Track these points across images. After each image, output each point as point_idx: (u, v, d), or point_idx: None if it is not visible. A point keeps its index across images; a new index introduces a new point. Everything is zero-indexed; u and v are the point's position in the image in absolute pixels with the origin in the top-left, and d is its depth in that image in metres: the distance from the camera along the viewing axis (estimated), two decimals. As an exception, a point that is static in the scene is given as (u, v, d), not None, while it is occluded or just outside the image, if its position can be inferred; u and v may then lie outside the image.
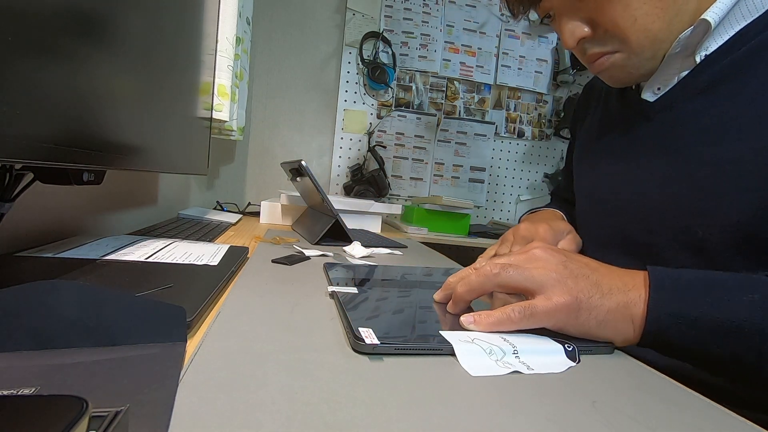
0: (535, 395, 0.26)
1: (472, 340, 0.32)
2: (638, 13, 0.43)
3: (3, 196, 0.41)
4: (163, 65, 0.58)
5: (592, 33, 0.46)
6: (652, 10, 0.43)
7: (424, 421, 0.22)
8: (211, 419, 0.20)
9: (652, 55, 0.46)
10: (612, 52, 0.47)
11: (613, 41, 0.46)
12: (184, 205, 1.31)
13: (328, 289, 0.44)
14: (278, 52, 1.64)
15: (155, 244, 0.57)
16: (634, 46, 0.45)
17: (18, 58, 0.28)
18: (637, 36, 0.44)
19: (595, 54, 0.48)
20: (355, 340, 0.30)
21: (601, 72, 0.50)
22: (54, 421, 0.14)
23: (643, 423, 0.24)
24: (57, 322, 0.26)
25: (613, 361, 0.34)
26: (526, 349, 0.32)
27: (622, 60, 0.47)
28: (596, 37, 0.47)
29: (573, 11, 0.47)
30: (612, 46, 0.46)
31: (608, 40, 0.46)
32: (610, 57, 0.47)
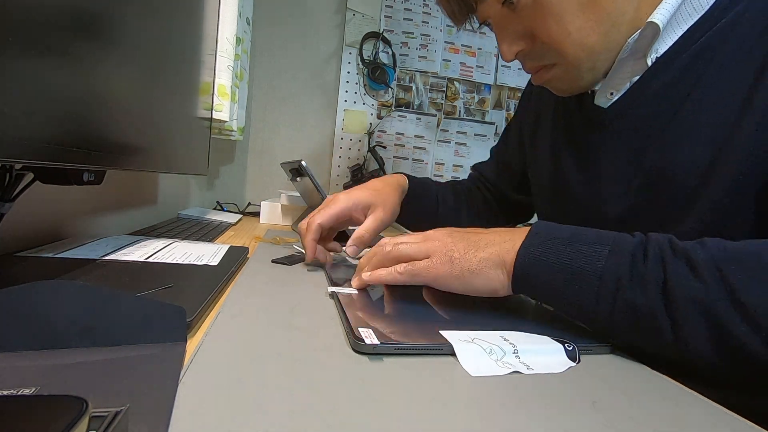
0: (535, 395, 0.26)
1: (472, 340, 0.32)
2: (572, 28, 0.43)
3: (3, 196, 0.41)
4: (163, 65, 0.58)
5: (529, 46, 0.46)
6: (586, 23, 0.42)
7: (423, 421, 0.22)
8: (211, 419, 0.20)
9: (592, 66, 0.45)
10: (551, 65, 0.47)
11: (550, 54, 0.46)
12: (184, 205, 1.31)
13: (328, 289, 0.44)
14: (278, 53, 1.64)
15: (155, 244, 0.57)
16: (570, 59, 0.45)
17: (18, 58, 0.28)
18: (574, 49, 0.44)
19: (534, 67, 0.48)
20: (355, 341, 0.30)
21: (544, 83, 0.50)
22: (54, 421, 0.14)
23: (643, 423, 0.24)
24: (57, 322, 0.26)
25: (614, 361, 0.34)
26: (526, 349, 0.32)
27: (562, 72, 0.47)
28: (534, 49, 0.46)
29: (509, 24, 0.46)
30: (550, 59, 0.46)
31: (545, 54, 0.46)
32: (550, 69, 0.47)
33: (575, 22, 0.42)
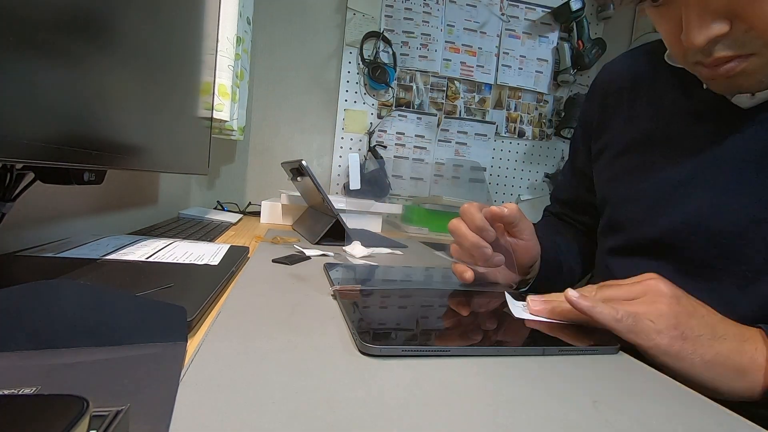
0: (535, 395, 0.26)
1: None
2: None
3: (4, 196, 0.41)
4: (164, 65, 0.58)
5: (729, 30, 0.37)
6: None
7: (424, 421, 0.22)
8: (212, 419, 0.20)
9: None
10: (746, 56, 0.38)
11: (754, 43, 0.37)
12: (185, 204, 1.31)
13: (330, 289, 0.44)
14: (279, 52, 1.64)
15: (156, 244, 0.57)
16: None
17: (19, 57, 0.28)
18: None
19: (725, 57, 0.38)
20: (362, 343, 0.30)
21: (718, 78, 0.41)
22: (55, 421, 0.14)
23: (644, 423, 0.24)
24: (58, 322, 0.26)
25: (615, 362, 0.34)
26: None
27: (757, 66, 0.38)
28: (732, 35, 0.37)
29: (710, 1, 0.36)
30: (750, 48, 0.37)
31: (748, 42, 0.37)
32: (743, 62, 0.38)
33: None
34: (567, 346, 0.34)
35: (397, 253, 0.78)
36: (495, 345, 0.33)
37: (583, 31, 1.78)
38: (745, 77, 0.40)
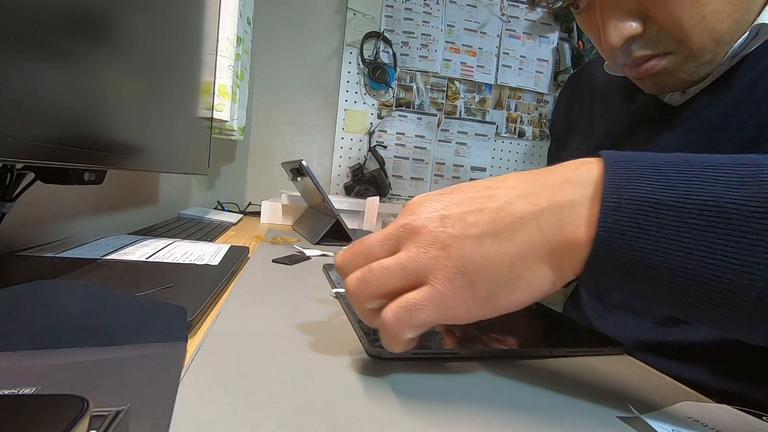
0: (536, 396, 0.26)
1: None
2: (708, 10, 0.36)
3: (4, 196, 0.41)
4: (164, 65, 0.58)
5: (642, 30, 0.39)
6: (723, 7, 0.36)
7: (424, 421, 0.22)
8: (212, 419, 0.20)
9: (711, 59, 0.39)
10: (663, 55, 0.40)
11: (667, 41, 0.39)
12: (185, 204, 1.31)
13: (332, 291, 0.44)
14: (279, 52, 1.64)
15: (156, 244, 0.57)
16: (695, 48, 0.38)
17: (19, 57, 0.28)
18: (701, 37, 0.37)
19: (644, 56, 0.40)
20: (370, 345, 0.30)
21: (645, 78, 0.43)
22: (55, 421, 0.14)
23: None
24: (58, 322, 0.26)
25: (616, 362, 0.34)
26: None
27: (676, 64, 0.40)
28: (647, 35, 0.39)
29: (621, 2, 0.38)
30: (665, 47, 0.39)
31: (662, 40, 0.39)
32: (661, 60, 0.40)
33: (713, 4, 0.36)
34: (574, 348, 0.34)
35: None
36: (503, 347, 0.33)
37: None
38: (668, 75, 0.41)
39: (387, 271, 0.24)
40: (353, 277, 0.25)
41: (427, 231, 0.24)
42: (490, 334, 0.36)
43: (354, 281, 0.25)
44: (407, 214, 0.26)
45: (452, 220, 0.24)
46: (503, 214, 0.24)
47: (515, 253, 0.23)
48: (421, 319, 0.23)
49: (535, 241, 0.23)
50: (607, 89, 0.56)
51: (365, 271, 0.25)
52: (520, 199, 0.24)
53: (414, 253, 0.24)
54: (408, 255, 0.24)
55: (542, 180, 0.25)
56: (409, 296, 0.24)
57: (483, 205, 0.24)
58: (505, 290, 0.23)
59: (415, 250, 0.24)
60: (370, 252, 0.26)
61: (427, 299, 0.23)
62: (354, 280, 0.25)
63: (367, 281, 0.25)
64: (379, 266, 0.24)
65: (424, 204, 0.26)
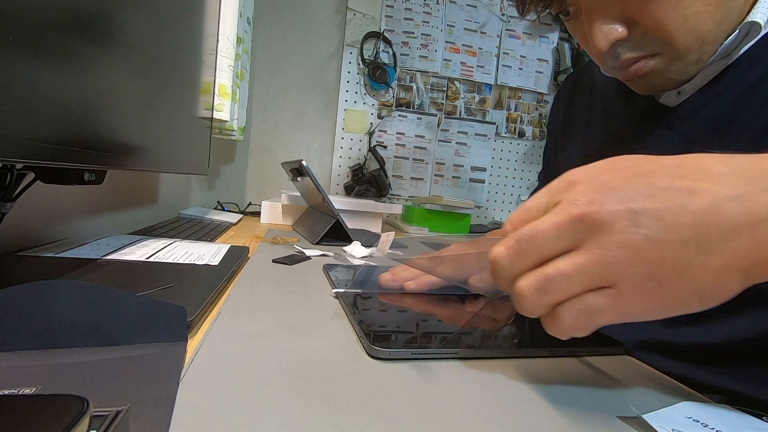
0: (536, 395, 0.26)
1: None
2: (689, 12, 0.37)
3: (4, 196, 0.41)
4: (164, 65, 0.58)
5: (628, 34, 0.40)
6: (705, 8, 0.37)
7: (425, 421, 0.22)
8: (212, 419, 0.20)
9: (698, 58, 0.40)
10: (650, 56, 0.41)
11: (653, 43, 0.40)
12: (185, 204, 1.31)
13: (332, 291, 0.44)
14: (279, 52, 1.64)
15: (156, 244, 0.57)
16: (680, 48, 0.39)
17: (19, 57, 0.28)
18: (685, 37, 0.38)
19: (631, 59, 0.41)
20: (370, 346, 0.30)
21: (635, 79, 0.44)
22: (55, 421, 0.14)
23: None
24: (58, 322, 0.26)
25: (616, 362, 0.34)
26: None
27: (663, 65, 0.41)
28: (633, 38, 0.40)
29: (606, 8, 0.39)
30: (652, 48, 0.40)
31: (648, 43, 0.40)
32: (649, 61, 0.41)
33: (694, 5, 0.37)
34: (574, 348, 0.34)
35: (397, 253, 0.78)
36: (503, 347, 0.33)
37: (584, 31, 1.78)
38: (657, 76, 0.42)
39: (570, 281, 0.21)
40: (528, 286, 0.22)
41: (616, 230, 0.21)
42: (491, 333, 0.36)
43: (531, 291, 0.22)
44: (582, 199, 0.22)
45: (647, 218, 0.21)
46: (712, 218, 0.20)
47: (722, 266, 0.20)
48: (601, 322, 0.22)
49: (746, 254, 0.20)
50: (605, 90, 0.56)
51: (543, 279, 0.22)
52: (733, 202, 0.21)
53: (600, 256, 0.21)
54: (593, 259, 0.21)
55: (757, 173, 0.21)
56: (592, 300, 0.21)
57: (685, 203, 0.21)
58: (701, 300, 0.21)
59: (601, 253, 0.21)
60: (542, 249, 0.22)
61: (612, 306, 0.21)
62: (531, 290, 0.22)
63: (546, 291, 0.22)
64: (559, 274, 0.21)
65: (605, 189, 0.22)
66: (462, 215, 1.50)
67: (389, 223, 1.58)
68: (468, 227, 1.53)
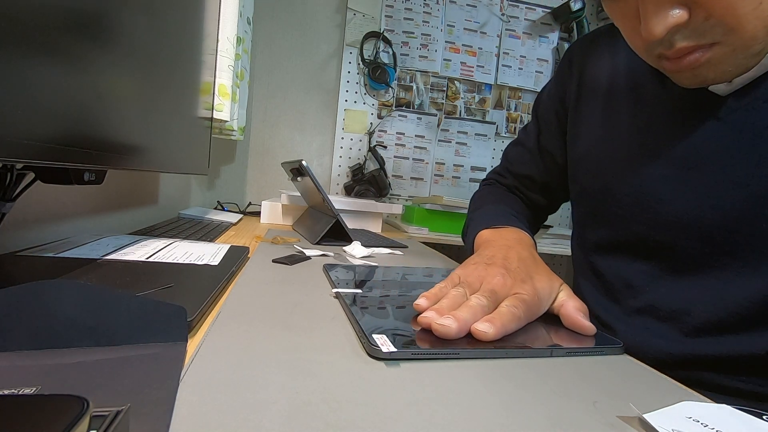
0: (536, 395, 0.26)
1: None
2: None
3: (4, 196, 0.41)
4: (164, 65, 0.58)
5: (688, 18, 0.35)
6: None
7: (425, 421, 0.22)
8: (212, 419, 0.20)
9: (761, 49, 0.36)
10: (709, 46, 0.36)
11: (715, 31, 0.35)
12: (185, 204, 1.31)
13: (332, 291, 0.44)
14: (279, 52, 1.64)
15: (156, 244, 0.57)
16: (747, 37, 0.34)
17: (19, 57, 0.28)
18: (755, 24, 0.34)
19: (687, 48, 0.37)
20: (370, 346, 0.30)
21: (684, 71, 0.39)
22: (55, 421, 0.14)
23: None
24: (58, 322, 0.26)
25: (617, 362, 0.34)
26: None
27: (722, 55, 0.36)
28: (693, 23, 0.35)
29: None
30: (712, 36, 0.35)
31: (709, 30, 0.35)
32: (707, 52, 0.36)
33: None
34: (574, 348, 0.34)
35: (397, 253, 0.78)
36: (503, 347, 0.33)
37: (583, 31, 1.78)
38: (711, 68, 0.38)
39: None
40: None
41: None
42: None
43: None
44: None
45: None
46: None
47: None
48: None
49: None
50: (633, 66, 0.51)
51: None
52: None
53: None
54: None
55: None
56: None
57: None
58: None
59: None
60: None
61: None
62: None
63: None
64: None
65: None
66: (462, 215, 1.50)
67: (389, 223, 1.58)
68: (468, 227, 1.53)
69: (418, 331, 0.34)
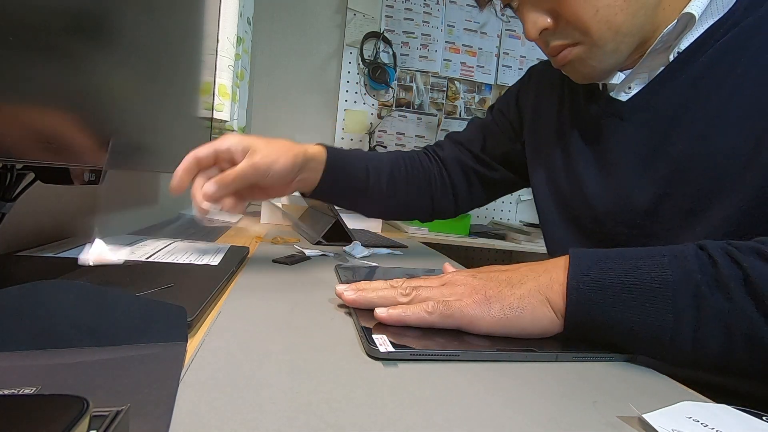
0: (536, 395, 0.26)
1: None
2: (600, 4, 0.43)
3: (4, 196, 0.41)
4: (164, 65, 0.58)
5: (554, 24, 0.46)
6: (615, 1, 0.43)
7: (425, 421, 0.22)
8: (212, 419, 0.20)
9: (615, 48, 0.45)
10: (573, 44, 0.47)
11: (574, 33, 0.46)
12: (185, 204, 1.31)
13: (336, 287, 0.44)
14: (279, 53, 1.64)
15: (156, 244, 0.57)
16: (595, 38, 0.44)
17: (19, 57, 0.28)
18: (599, 27, 0.44)
19: (557, 46, 0.48)
20: (369, 346, 0.30)
21: (564, 66, 0.49)
22: (55, 421, 0.14)
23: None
24: (58, 322, 0.26)
25: (616, 363, 0.33)
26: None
27: (584, 53, 0.46)
28: (558, 28, 0.46)
29: (535, 2, 0.47)
30: (573, 38, 0.46)
31: (570, 32, 0.46)
32: (573, 49, 0.47)
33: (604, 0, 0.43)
34: (580, 352, 0.33)
35: (397, 253, 0.78)
36: (506, 350, 0.32)
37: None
38: (581, 63, 0.48)
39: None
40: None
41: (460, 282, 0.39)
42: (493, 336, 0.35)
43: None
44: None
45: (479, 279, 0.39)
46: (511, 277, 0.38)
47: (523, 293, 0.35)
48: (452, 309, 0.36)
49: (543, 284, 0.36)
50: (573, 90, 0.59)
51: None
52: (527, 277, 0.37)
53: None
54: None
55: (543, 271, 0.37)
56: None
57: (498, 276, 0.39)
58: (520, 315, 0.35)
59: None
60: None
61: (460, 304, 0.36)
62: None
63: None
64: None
65: None
66: (462, 215, 1.50)
67: (389, 222, 1.58)
68: (468, 227, 1.53)
69: (417, 332, 0.34)
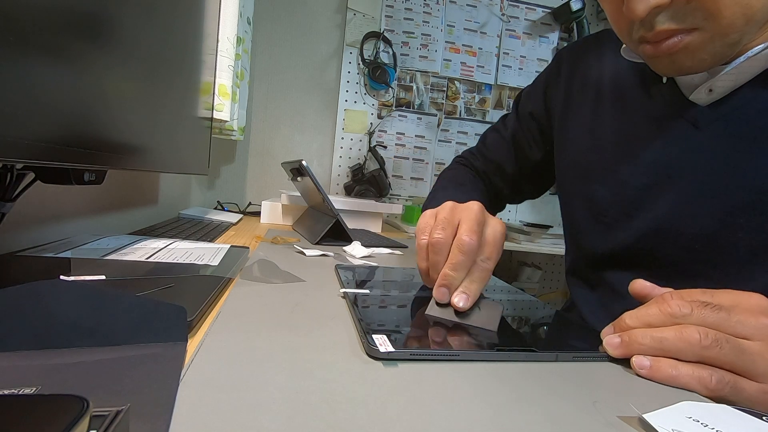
0: (536, 395, 0.26)
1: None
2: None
3: (4, 196, 0.41)
4: (164, 65, 0.58)
5: (670, 1, 0.35)
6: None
7: (425, 421, 0.22)
8: (212, 419, 0.20)
9: (738, 39, 0.36)
10: (688, 31, 0.36)
11: (695, 15, 0.35)
12: (185, 204, 1.31)
13: (340, 291, 0.44)
14: (279, 52, 1.64)
15: (156, 244, 0.57)
16: (724, 24, 0.35)
17: (20, 57, 0.28)
18: (733, 11, 0.34)
19: (668, 31, 0.37)
20: (369, 346, 0.30)
21: (662, 57, 0.39)
22: (55, 421, 0.14)
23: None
24: (58, 322, 0.26)
25: (616, 363, 0.33)
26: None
27: (700, 42, 0.36)
28: (675, 6, 0.36)
29: None
30: (692, 21, 0.36)
31: (689, 13, 0.35)
32: (686, 37, 0.37)
33: None
34: (580, 352, 0.33)
35: (397, 253, 0.78)
36: (506, 350, 0.32)
37: (583, 31, 1.78)
38: (688, 55, 0.38)
39: None
40: None
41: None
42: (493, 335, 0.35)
43: None
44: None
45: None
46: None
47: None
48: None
49: None
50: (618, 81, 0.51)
51: None
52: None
53: None
54: None
55: None
56: None
57: None
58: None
59: None
60: None
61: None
62: None
63: None
64: None
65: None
66: (462, 215, 1.49)
67: (389, 222, 1.58)
68: (468, 227, 1.52)
69: (418, 332, 0.34)
